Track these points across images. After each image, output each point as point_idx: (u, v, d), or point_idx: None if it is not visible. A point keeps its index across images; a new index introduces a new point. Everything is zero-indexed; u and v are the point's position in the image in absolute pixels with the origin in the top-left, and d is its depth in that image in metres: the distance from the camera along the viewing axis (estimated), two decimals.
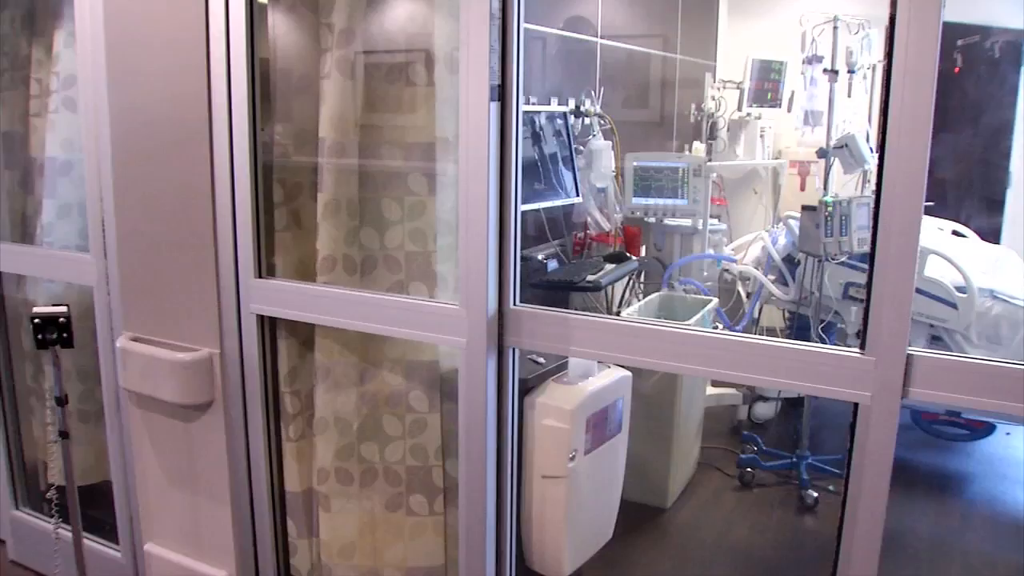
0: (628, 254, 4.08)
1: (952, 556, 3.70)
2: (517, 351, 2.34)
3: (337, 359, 2.70)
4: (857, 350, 1.93)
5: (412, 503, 2.77)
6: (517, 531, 2.82)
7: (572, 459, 2.85)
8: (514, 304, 2.28)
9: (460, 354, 2.32)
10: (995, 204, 6.31)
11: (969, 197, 6.23)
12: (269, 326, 2.72)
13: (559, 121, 4.02)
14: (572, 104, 4.25)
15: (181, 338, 2.78)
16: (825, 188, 4.27)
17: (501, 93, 2.20)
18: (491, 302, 2.24)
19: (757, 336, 3.44)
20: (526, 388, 2.86)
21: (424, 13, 2.62)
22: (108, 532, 3.27)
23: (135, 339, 2.82)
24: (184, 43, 2.55)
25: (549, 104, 4.17)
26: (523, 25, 2.25)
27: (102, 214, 2.89)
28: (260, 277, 2.65)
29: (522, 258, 3.54)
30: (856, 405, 1.96)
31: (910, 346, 1.87)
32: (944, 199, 6.05)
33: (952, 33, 5.95)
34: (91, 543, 3.27)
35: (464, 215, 2.23)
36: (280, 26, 2.69)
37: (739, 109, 5.90)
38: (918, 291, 4.04)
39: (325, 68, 2.57)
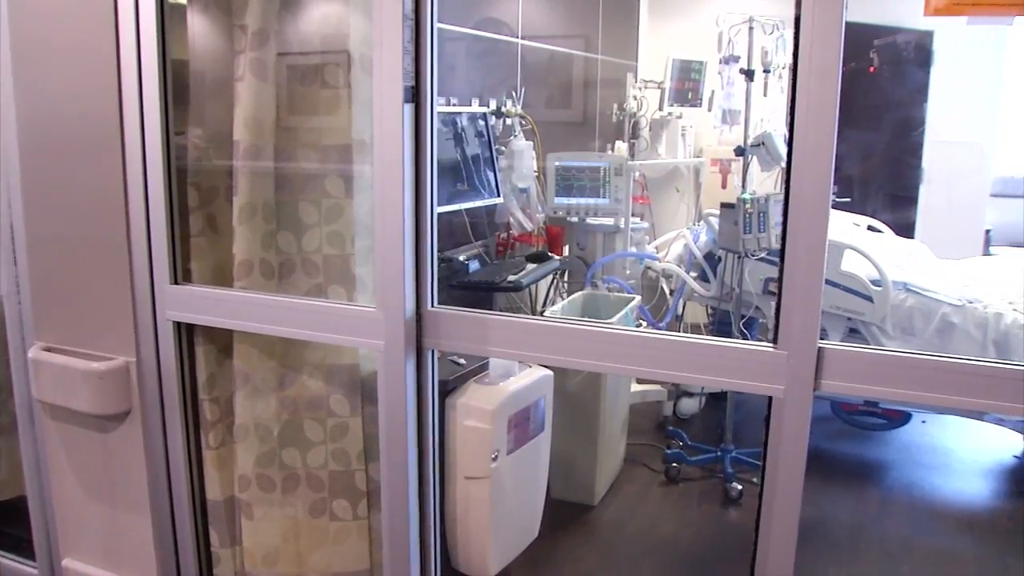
0: (550, 253, 4.10)
1: (871, 541, 3.78)
2: (436, 353, 2.33)
3: (256, 365, 2.67)
4: (770, 344, 1.97)
5: (335, 508, 2.75)
6: (442, 533, 2.82)
7: (495, 459, 2.86)
8: (432, 306, 2.27)
9: (378, 357, 2.31)
10: (909, 200, 6.48)
11: (885, 193, 6.39)
12: (186, 333, 2.67)
13: (481, 122, 4.02)
14: (493, 105, 4.26)
15: (96, 347, 2.71)
16: (743, 186, 4.34)
17: (415, 94, 2.20)
18: (408, 304, 2.23)
19: (672, 333, 3.49)
20: (447, 389, 2.86)
21: (340, 14, 2.60)
22: (24, 549, 3.18)
23: (48, 349, 2.75)
24: (92, 43, 2.49)
25: (471, 105, 4.17)
26: (438, 26, 2.25)
27: (11, 219, 2.81)
28: (176, 283, 2.60)
29: (444, 259, 3.56)
30: (770, 398, 1.99)
31: (824, 339, 1.91)
32: (861, 195, 6.20)
33: (868, 34, 6.10)
34: (6, 561, 3.19)
35: (379, 217, 2.22)
36: (197, 27, 2.66)
37: (660, 109, 5.96)
38: (835, 285, 4.14)
39: (239, 70, 2.53)
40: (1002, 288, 4.45)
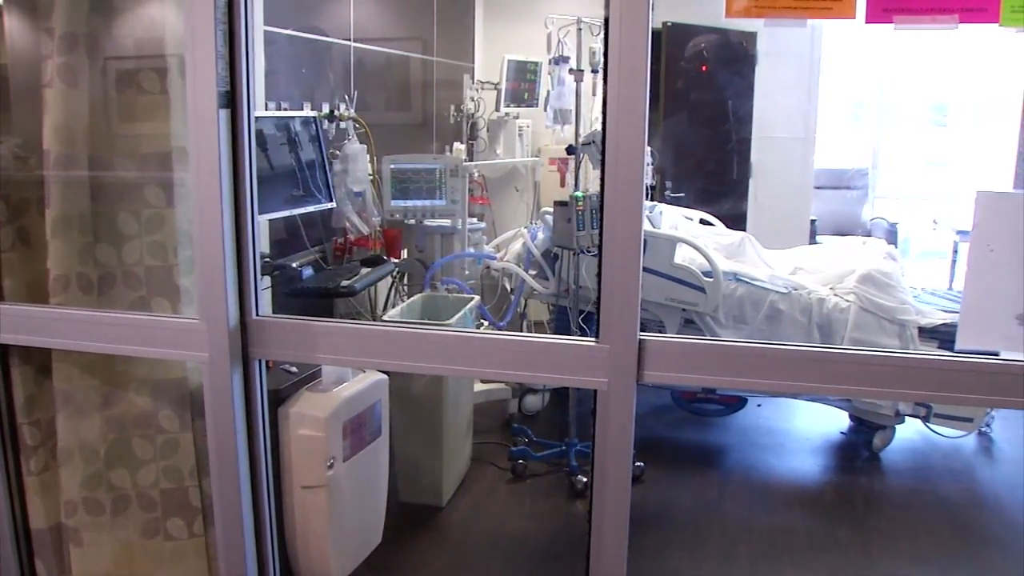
0: (385, 257, 4.09)
1: (712, 524, 3.91)
2: (263, 362, 2.29)
3: (78, 384, 2.56)
4: (592, 339, 2.01)
5: (170, 527, 2.67)
6: (281, 544, 2.77)
7: (331, 467, 2.82)
8: (257, 314, 2.23)
9: (203, 369, 2.25)
10: (739, 193, 6.74)
11: (716, 187, 6.62)
12: (0, 354, 2.55)
13: (314, 127, 3.97)
14: (326, 108, 4.21)
15: None
16: (576, 184, 4.41)
17: (231, 99, 2.15)
18: (232, 314, 2.18)
19: (500, 332, 3.52)
20: (279, 399, 2.80)
21: (155, 17, 2.52)
22: None
23: None
24: None
25: (303, 109, 4.11)
26: (266, 29, 2.21)
27: None
28: None
29: (276, 267, 3.50)
30: (596, 392, 2.04)
31: (660, 332, 1.96)
32: (693, 190, 6.41)
33: (699, 34, 6.32)
34: None
35: (198, 226, 2.17)
36: (13, 30, 2.54)
37: (497, 109, 6.01)
38: (668, 278, 4.26)
39: (47, 76, 2.43)
40: (825, 274, 4.68)
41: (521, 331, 5.02)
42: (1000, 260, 1.90)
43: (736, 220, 6.21)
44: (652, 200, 5.36)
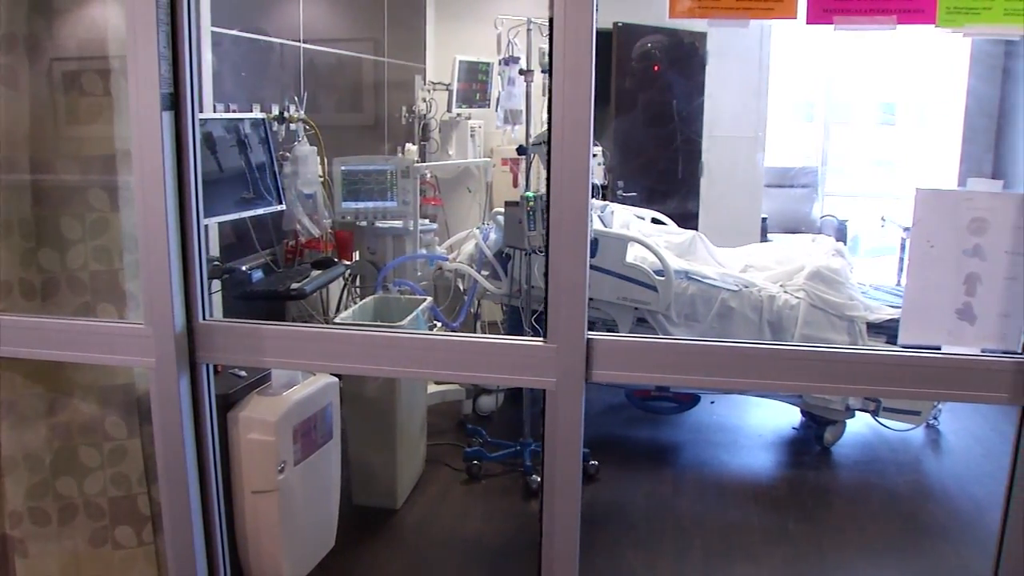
0: (335, 259, 4.06)
1: (666, 521, 3.94)
2: (211, 367, 2.27)
3: (22, 391, 2.53)
4: (541, 339, 2.01)
5: (119, 536, 2.64)
6: (232, 550, 2.74)
7: (281, 471, 2.80)
8: (204, 319, 2.21)
9: (150, 375, 2.23)
10: (691, 192, 6.80)
11: (668, 186, 6.67)
12: None
13: (263, 129, 3.94)
14: (276, 110, 4.18)
15: None
16: (527, 184, 4.42)
17: (175, 101, 2.13)
18: (178, 318, 2.16)
19: (446, 333, 3.52)
20: (229, 403, 2.78)
21: (96, 18, 2.49)
22: None
23: None
24: None
25: (251, 111, 4.08)
26: (199, 29, 2.18)
27: None
28: None
29: (226, 270, 3.46)
30: (544, 391, 2.04)
31: (612, 331, 1.97)
32: (645, 189, 6.45)
33: (649, 35, 6.36)
34: None
35: (143, 230, 2.14)
36: None
37: (449, 110, 6.01)
38: (621, 276, 4.28)
39: None
40: (775, 272, 4.73)
41: (475, 332, 5.02)
42: (940, 256, 1.94)
43: (687, 219, 6.26)
44: (604, 200, 5.38)
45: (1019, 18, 1.79)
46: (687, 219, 6.17)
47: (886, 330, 4.26)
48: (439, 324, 4.44)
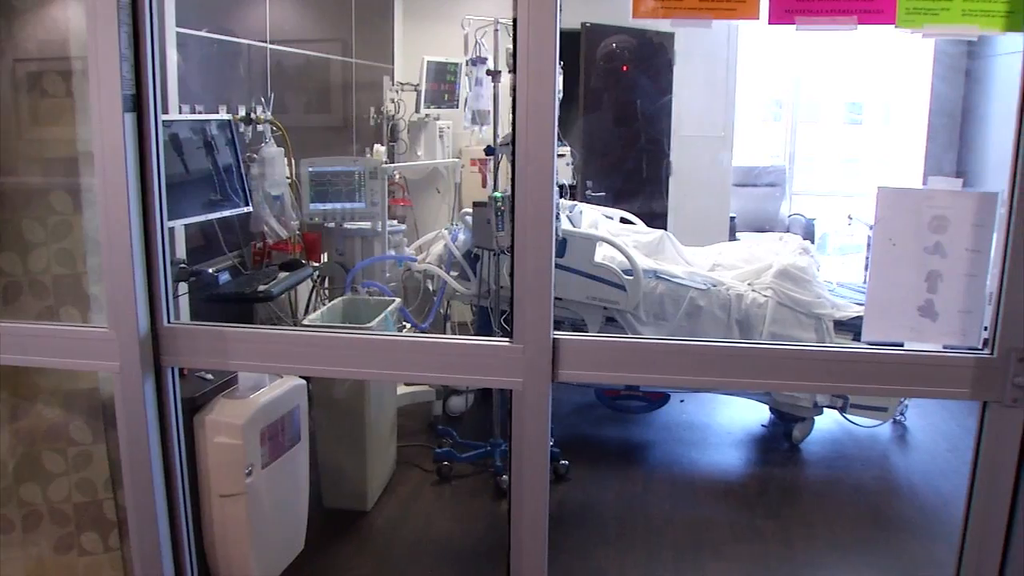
0: (303, 261, 4.05)
1: (636, 519, 3.96)
2: (177, 370, 2.25)
3: None
4: (507, 340, 2.01)
5: (84, 542, 2.62)
6: (200, 555, 2.72)
7: (249, 474, 2.79)
8: (168, 322, 2.19)
9: (115, 379, 2.21)
10: (660, 192, 6.82)
11: (637, 186, 6.69)
12: None
13: (230, 130, 3.91)
14: (243, 112, 4.16)
15: None
16: (495, 184, 4.42)
17: (137, 103, 2.11)
18: (142, 322, 2.14)
19: (413, 335, 3.51)
20: (195, 406, 2.76)
21: (57, 18, 2.47)
22: None
23: None
24: None
25: (218, 113, 4.05)
26: (163, 30, 2.17)
27: None
28: None
29: (192, 273, 3.44)
30: (511, 391, 2.04)
31: (581, 330, 1.98)
32: (614, 189, 6.47)
33: (616, 35, 6.37)
34: None
35: (105, 232, 2.12)
36: None
37: (418, 111, 5.99)
38: (589, 276, 4.29)
39: None
40: (743, 270, 4.76)
41: (445, 333, 5.01)
42: (901, 254, 1.96)
43: (656, 218, 6.29)
44: (572, 199, 5.39)
45: (976, 19, 1.81)
46: (655, 218, 6.20)
47: (853, 327, 4.30)
48: (408, 325, 4.43)
